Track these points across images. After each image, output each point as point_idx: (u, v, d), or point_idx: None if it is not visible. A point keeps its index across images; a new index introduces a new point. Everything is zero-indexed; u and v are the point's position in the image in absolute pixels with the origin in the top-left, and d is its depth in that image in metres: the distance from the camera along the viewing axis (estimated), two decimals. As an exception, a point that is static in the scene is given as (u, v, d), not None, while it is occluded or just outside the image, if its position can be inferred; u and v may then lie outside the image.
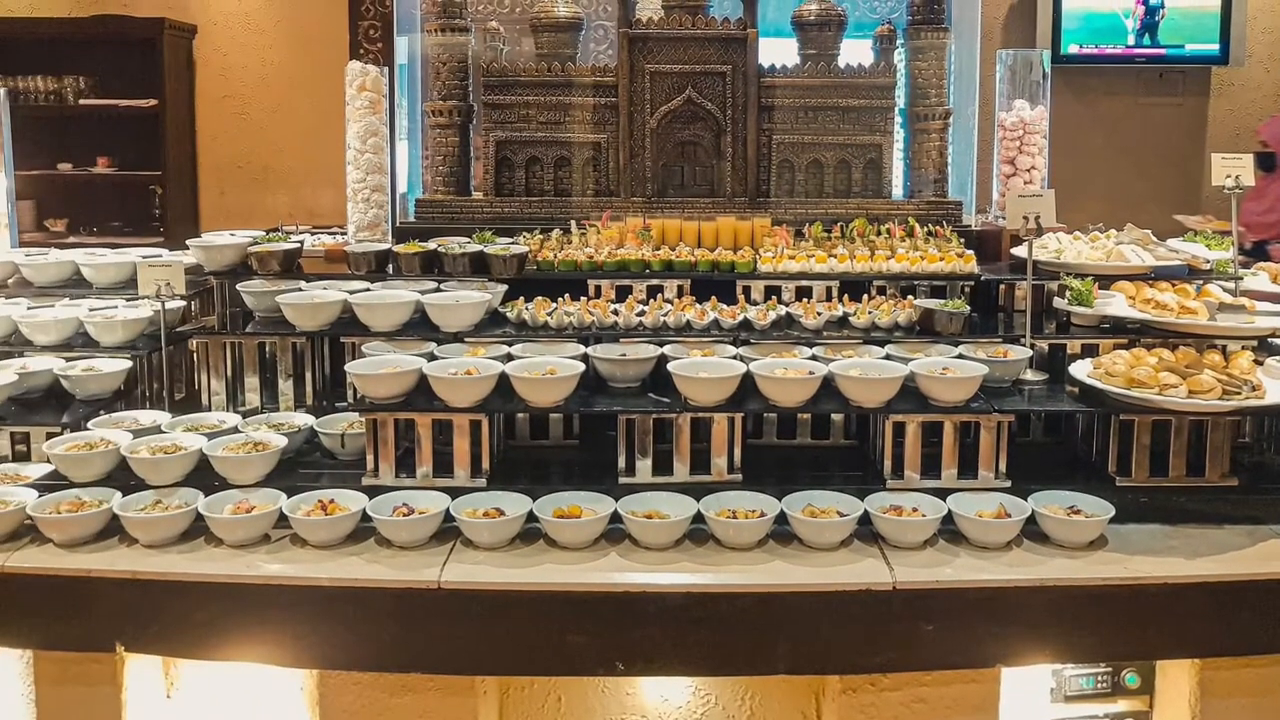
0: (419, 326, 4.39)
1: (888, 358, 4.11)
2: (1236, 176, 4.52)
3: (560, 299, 4.49)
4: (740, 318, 4.36)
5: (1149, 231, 4.77)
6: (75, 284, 5.06)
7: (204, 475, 3.80)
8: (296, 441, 4.09)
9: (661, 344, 4.19)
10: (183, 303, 4.80)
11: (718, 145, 5.31)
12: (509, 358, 4.08)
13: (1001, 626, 3.39)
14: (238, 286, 4.61)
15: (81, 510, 3.58)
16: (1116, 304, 4.27)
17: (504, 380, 3.87)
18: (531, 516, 3.58)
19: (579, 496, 3.66)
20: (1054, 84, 5.84)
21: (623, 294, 4.63)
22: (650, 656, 3.39)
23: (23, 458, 4.17)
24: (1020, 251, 4.48)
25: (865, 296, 4.57)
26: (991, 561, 3.47)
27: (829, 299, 4.60)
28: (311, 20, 9.49)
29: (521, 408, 3.92)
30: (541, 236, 4.92)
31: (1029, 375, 4.22)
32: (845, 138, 5.33)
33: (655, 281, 4.66)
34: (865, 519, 3.58)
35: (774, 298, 4.59)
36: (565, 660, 3.40)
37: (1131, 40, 8.98)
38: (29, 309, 4.72)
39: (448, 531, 3.59)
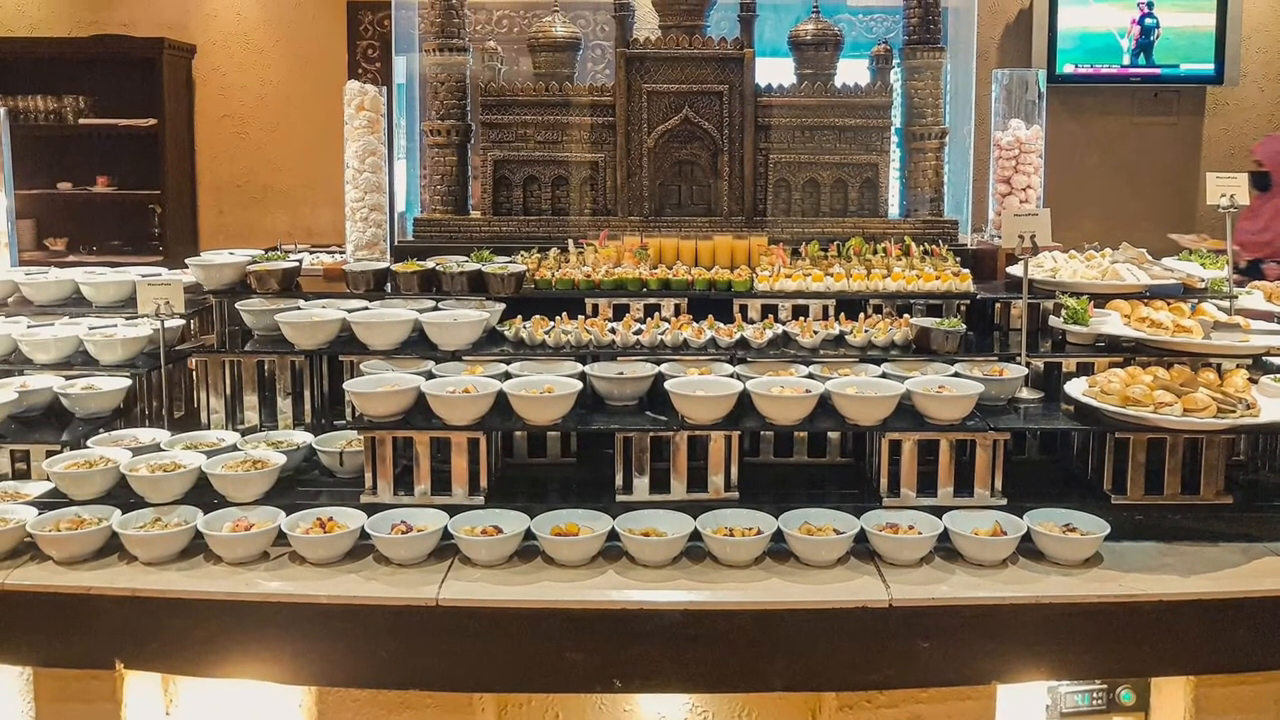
0: (417, 345, 4.41)
1: (884, 376, 4.13)
2: (1231, 195, 4.54)
3: (558, 318, 4.52)
4: (737, 336, 4.38)
5: (1144, 250, 4.79)
6: (75, 303, 5.08)
7: (203, 493, 3.82)
8: (295, 459, 4.11)
9: (659, 362, 4.21)
10: (182, 321, 4.82)
11: (715, 164, 5.34)
12: (507, 376, 4.10)
13: (997, 643, 3.40)
14: (237, 305, 4.63)
15: (81, 528, 3.59)
16: (1112, 322, 4.28)
17: (502, 399, 3.88)
18: (529, 534, 3.59)
19: (576, 514, 3.67)
20: (1049, 103, 5.88)
21: (620, 313, 4.65)
22: (647, 673, 3.40)
23: (23, 475, 4.18)
24: (1016, 270, 4.50)
25: (861, 315, 4.59)
26: (987, 579, 3.48)
27: (825, 318, 4.62)
28: (310, 40, 9.54)
29: (519, 426, 3.93)
30: (539, 255, 4.94)
31: (1024, 393, 4.23)
32: (842, 157, 5.36)
33: (652, 300, 4.68)
34: (861, 537, 3.59)
35: (771, 316, 4.62)
36: (563, 677, 3.41)
37: (1127, 60, 9.03)
38: (29, 327, 4.74)
39: (446, 549, 3.60)
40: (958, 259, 4.91)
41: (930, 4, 5.37)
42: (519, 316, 4.53)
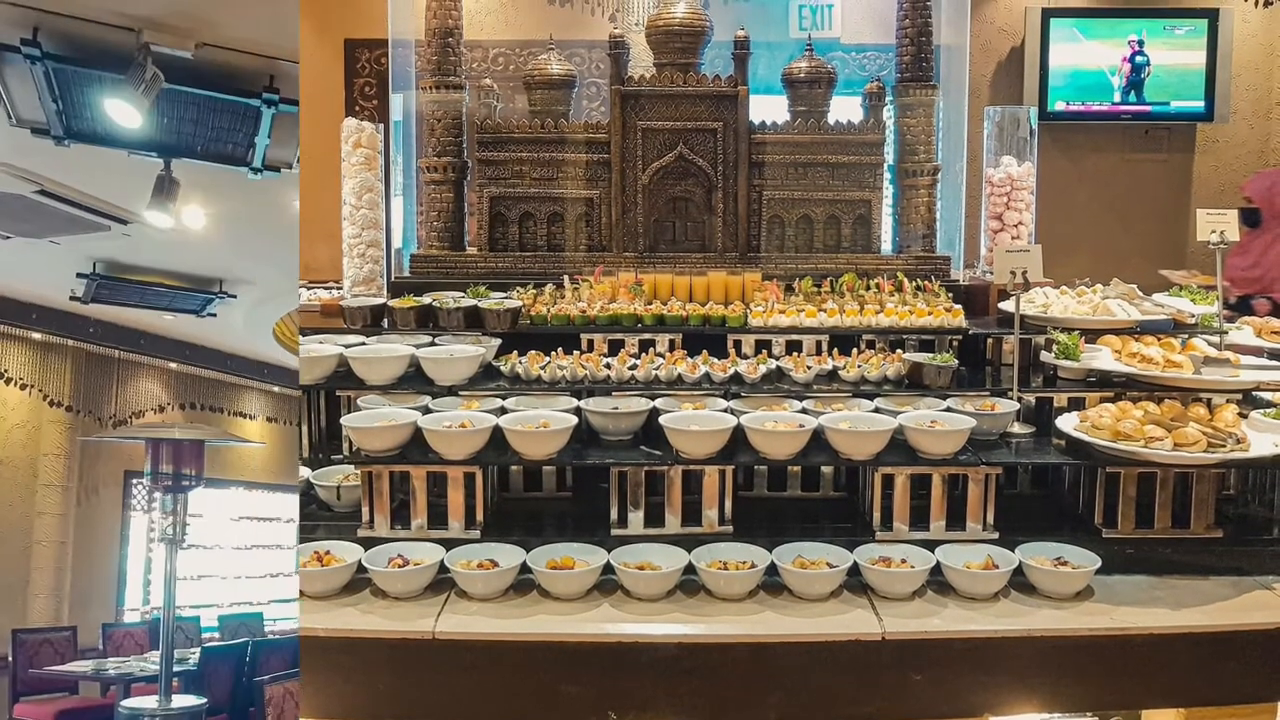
0: (414, 380, 4.43)
1: (877, 411, 4.15)
2: (1221, 232, 4.60)
3: (553, 353, 4.54)
4: (731, 371, 4.41)
5: (1135, 286, 4.83)
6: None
7: (200, 527, 3.83)
8: (292, 493, 4.13)
9: (653, 397, 4.23)
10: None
11: (709, 201, 5.38)
12: (503, 411, 4.12)
13: (989, 676, 3.41)
14: (235, 340, 4.65)
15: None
16: (1103, 358, 4.32)
17: (498, 433, 3.91)
18: (525, 568, 3.61)
19: (572, 548, 3.69)
20: (1041, 140, 5.93)
21: (615, 348, 4.68)
22: (642, 706, 3.41)
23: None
24: (1008, 306, 4.53)
25: (854, 350, 4.62)
26: (979, 612, 3.50)
27: (819, 353, 4.65)
28: (307, 77, 9.55)
29: (515, 460, 3.95)
30: (535, 291, 4.97)
31: (1016, 428, 4.26)
32: (835, 193, 5.40)
33: (647, 335, 4.71)
34: (854, 570, 3.61)
35: (764, 351, 4.65)
36: (558, 710, 3.41)
37: (1118, 97, 9.08)
38: None
39: (442, 582, 3.62)
40: (950, 295, 4.95)
41: (923, 42, 5.44)
42: (515, 352, 4.56)
